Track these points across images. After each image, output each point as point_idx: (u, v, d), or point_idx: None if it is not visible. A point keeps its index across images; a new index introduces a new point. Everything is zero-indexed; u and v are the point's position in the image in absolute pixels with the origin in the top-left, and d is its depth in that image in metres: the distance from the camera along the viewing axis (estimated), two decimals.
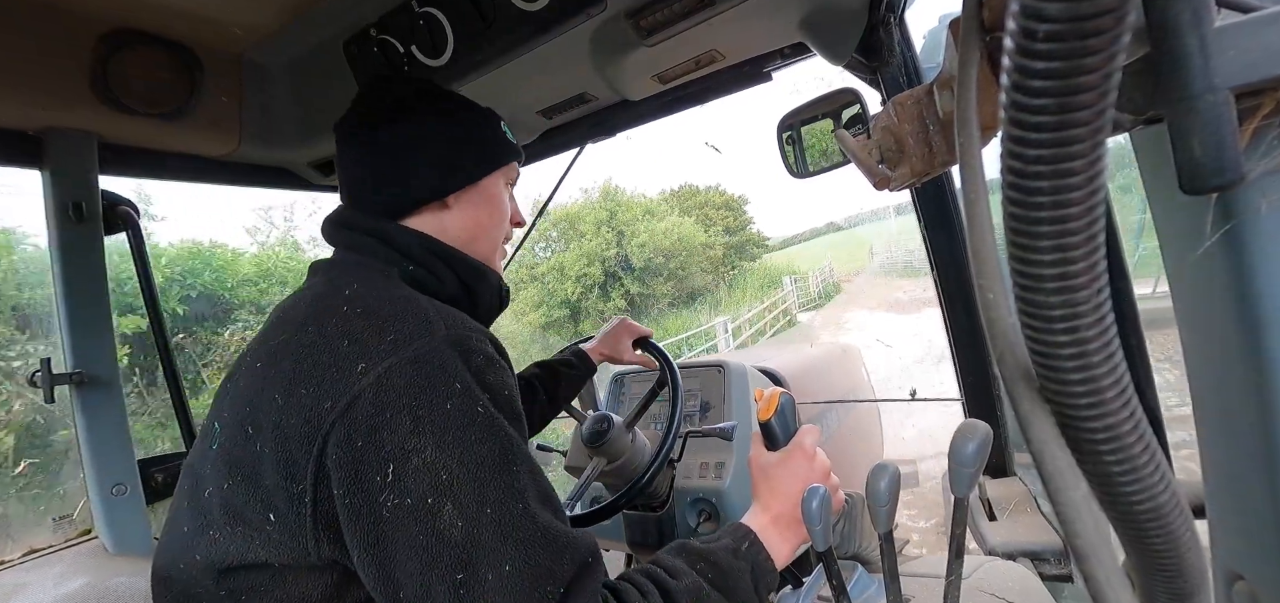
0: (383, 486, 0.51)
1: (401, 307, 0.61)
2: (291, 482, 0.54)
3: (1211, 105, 0.22)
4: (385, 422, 0.52)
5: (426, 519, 0.50)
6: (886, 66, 1.11)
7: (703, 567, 0.62)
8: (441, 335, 0.58)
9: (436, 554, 0.50)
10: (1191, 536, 0.25)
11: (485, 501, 0.52)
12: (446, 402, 0.54)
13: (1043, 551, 1.11)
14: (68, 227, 1.11)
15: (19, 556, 1.12)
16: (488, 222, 0.80)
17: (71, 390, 1.12)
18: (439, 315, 0.61)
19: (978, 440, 0.56)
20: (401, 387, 0.53)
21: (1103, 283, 0.21)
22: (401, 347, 0.56)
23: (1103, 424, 0.23)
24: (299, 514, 0.54)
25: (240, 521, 0.57)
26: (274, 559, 0.56)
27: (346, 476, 0.52)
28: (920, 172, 0.45)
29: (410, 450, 0.51)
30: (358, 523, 0.52)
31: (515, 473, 0.55)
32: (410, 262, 0.71)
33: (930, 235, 1.29)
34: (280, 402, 0.56)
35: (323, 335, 0.58)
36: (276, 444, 0.55)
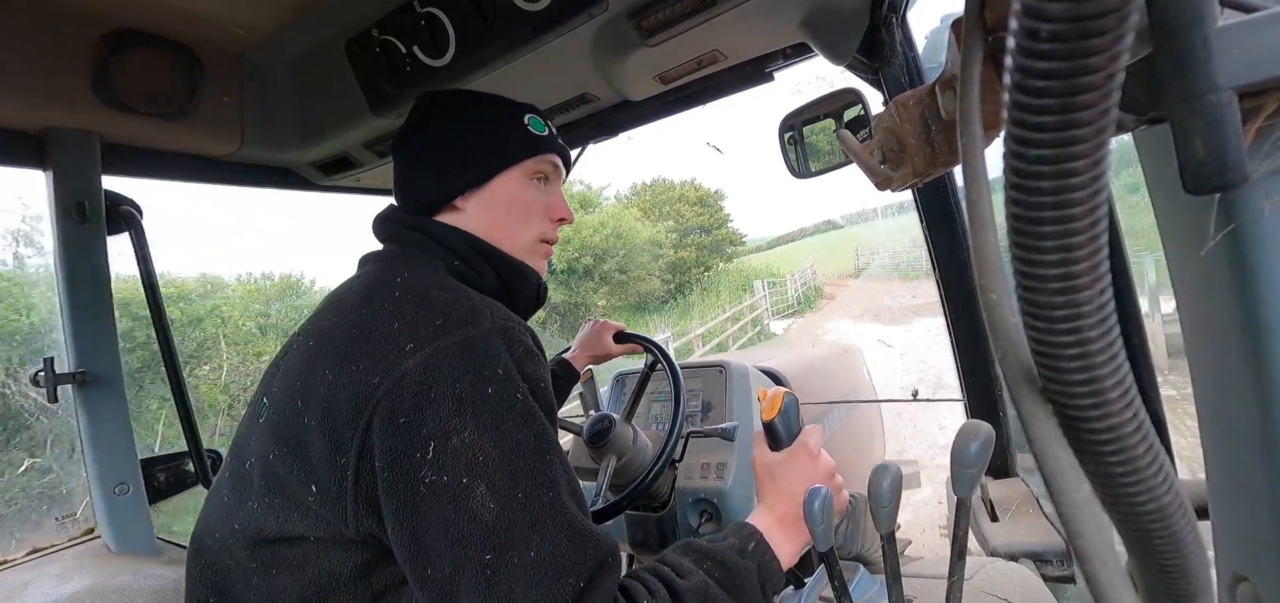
0: (423, 462, 0.52)
1: (450, 295, 0.63)
2: (337, 454, 0.56)
3: (1215, 106, 0.22)
4: (429, 401, 0.54)
5: (460, 498, 0.52)
6: (888, 66, 1.11)
7: (710, 566, 0.63)
8: (487, 324, 0.60)
9: (467, 533, 0.52)
10: (1195, 537, 0.25)
11: (517, 486, 0.54)
12: (488, 387, 0.56)
13: (1045, 552, 1.11)
14: (70, 226, 1.12)
15: (23, 554, 1.13)
16: (505, 221, 0.79)
17: (74, 390, 1.13)
18: (485, 305, 0.63)
19: (980, 441, 0.56)
20: (447, 368, 0.55)
21: (1106, 283, 0.21)
22: (448, 331, 0.58)
23: (1105, 425, 0.22)
24: (341, 486, 0.56)
25: (280, 492, 0.60)
26: (310, 533, 0.58)
27: (388, 450, 0.54)
28: (922, 172, 0.45)
29: (450, 430, 0.53)
30: (394, 497, 0.54)
31: (548, 462, 0.56)
32: (455, 256, 0.74)
33: (932, 235, 1.29)
34: (331, 377, 0.58)
35: (374, 317, 0.60)
36: (324, 417, 0.57)
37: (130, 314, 3.95)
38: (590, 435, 1.19)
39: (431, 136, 0.79)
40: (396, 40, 1.05)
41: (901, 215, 31.44)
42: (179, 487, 1.31)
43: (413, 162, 0.80)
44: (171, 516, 1.32)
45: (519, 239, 0.81)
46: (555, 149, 0.84)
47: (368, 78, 1.10)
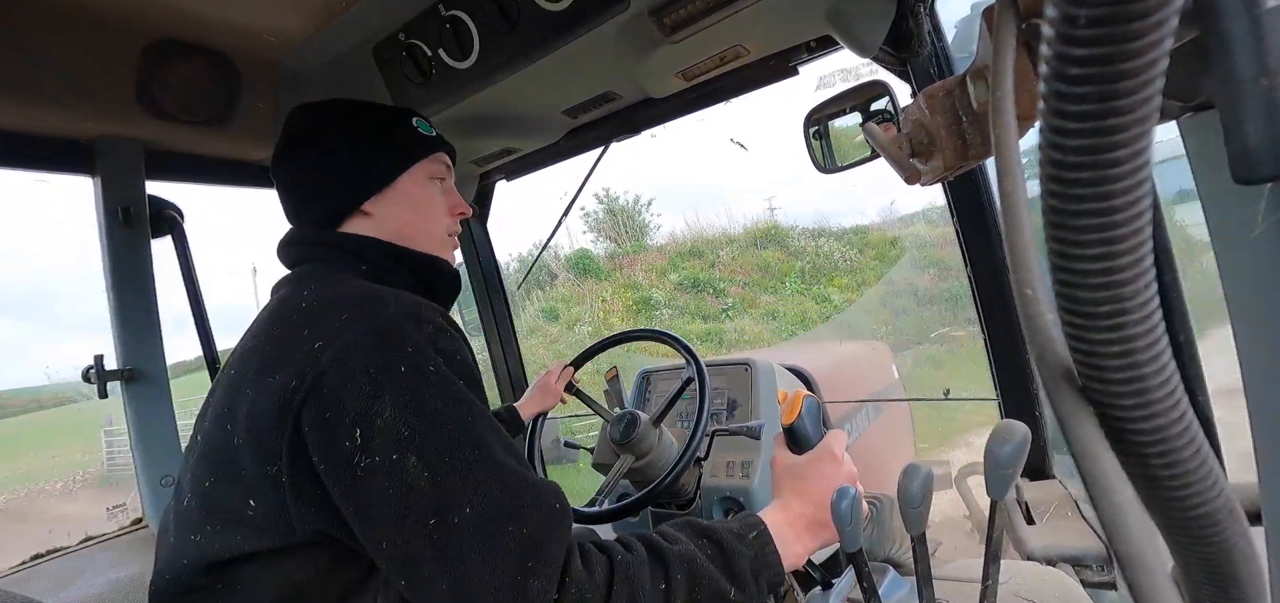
0: (353, 449, 0.55)
1: (354, 291, 0.66)
2: (267, 464, 0.58)
3: (1266, 91, 0.21)
4: (347, 391, 0.56)
5: (395, 473, 0.54)
6: (916, 58, 1.09)
7: (703, 542, 0.63)
8: (392, 308, 0.62)
9: (408, 504, 0.54)
10: (1246, 543, 0.24)
11: (444, 450, 0.56)
12: (401, 365, 0.58)
13: (1084, 556, 1.07)
14: (117, 230, 1.17)
15: (76, 543, 1.18)
16: (414, 218, 0.81)
17: (122, 386, 1.18)
18: (390, 294, 0.65)
19: (1015, 442, 0.54)
20: (359, 357, 0.57)
21: (1149, 277, 0.20)
22: (356, 323, 0.60)
23: (1150, 426, 0.22)
24: (278, 493, 0.58)
25: (220, 516, 0.61)
26: (260, 546, 0.60)
27: (321, 445, 0.56)
28: (953, 165, 0.44)
29: (373, 414, 0.55)
30: (338, 488, 0.56)
31: (469, 424, 0.58)
32: (364, 263, 0.75)
33: (964, 230, 1.26)
34: (252, 394, 0.60)
35: (286, 329, 0.62)
36: (250, 432, 0.59)
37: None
38: (617, 433, 1.20)
39: (325, 148, 0.79)
40: (422, 44, 1.07)
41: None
42: None
43: (306, 177, 0.80)
44: None
45: (431, 233, 0.83)
46: (444, 148, 0.86)
47: (395, 81, 1.13)
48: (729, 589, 0.61)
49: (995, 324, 1.29)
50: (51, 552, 1.15)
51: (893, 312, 12.18)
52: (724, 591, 0.60)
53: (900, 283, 13.15)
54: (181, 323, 1.37)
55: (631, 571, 0.57)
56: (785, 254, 15.12)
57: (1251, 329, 0.32)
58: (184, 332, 1.36)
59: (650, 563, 0.59)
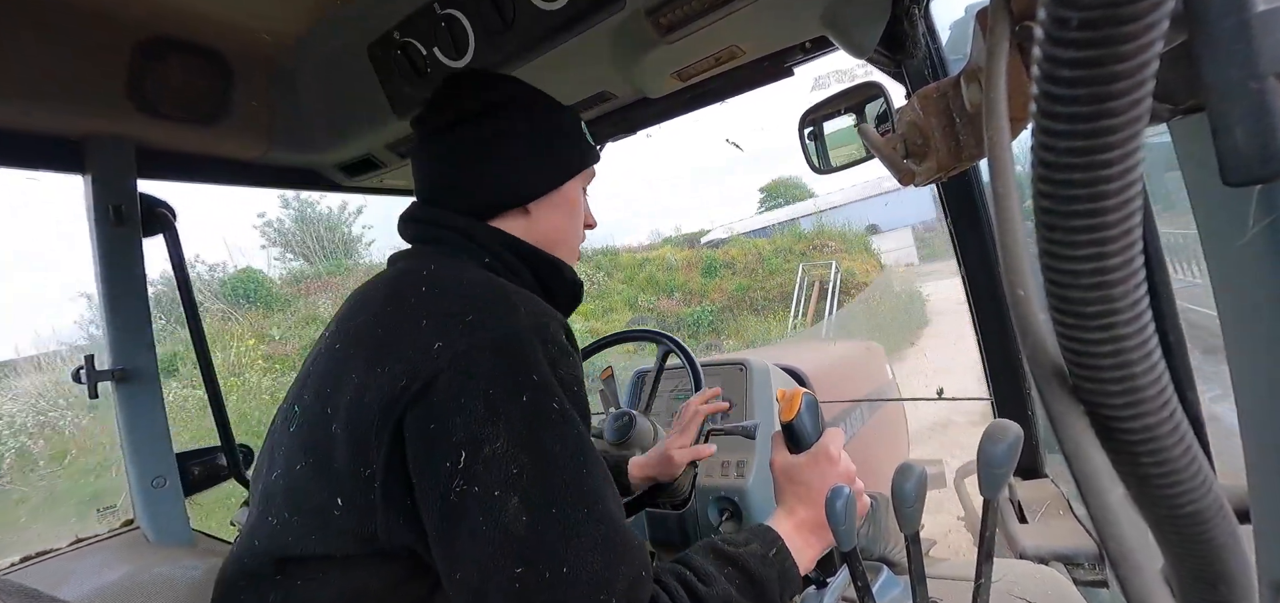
0: (454, 471, 0.51)
1: (482, 287, 0.60)
2: (362, 464, 0.54)
3: (1255, 93, 0.21)
4: (460, 406, 0.52)
5: (492, 510, 0.50)
6: (911, 59, 1.09)
7: (731, 572, 0.61)
8: (522, 318, 0.57)
9: (499, 546, 0.50)
10: (1235, 541, 0.24)
11: (552, 500, 0.51)
12: (523, 394, 0.53)
13: (1076, 555, 1.08)
14: (108, 229, 1.16)
15: (66, 544, 1.17)
16: (567, 226, 0.79)
17: (113, 386, 1.17)
18: (518, 296, 0.60)
19: (1008, 441, 0.55)
20: (479, 372, 0.53)
21: (1140, 278, 0.21)
22: (480, 328, 0.55)
23: (1141, 425, 0.22)
24: (368, 498, 0.54)
25: (305, 508, 0.58)
26: (336, 551, 0.56)
27: (419, 457, 0.52)
28: (946, 166, 0.44)
29: (482, 439, 0.51)
30: (427, 505, 0.52)
31: (584, 475, 0.54)
32: (488, 254, 0.70)
33: (957, 231, 1.27)
34: (357, 381, 0.56)
35: (401, 314, 0.58)
36: (350, 425, 0.55)
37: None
38: (614, 433, 1.20)
39: (503, 131, 0.73)
40: (417, 42, 1.06)
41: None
42: (213, 480, 1.35)
43: (474, 157, 0.72)
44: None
45: (573, 242, 0.80)
46: (598, 159, 0.84)
47: (390, 80, 1.12)
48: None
49: (988, 324, 1.29)
50: (40, 554, 1.14)
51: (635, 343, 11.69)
52: None
53: (644, 308, 13.03)
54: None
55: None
56: None
57: (1241, 331, 0.33)
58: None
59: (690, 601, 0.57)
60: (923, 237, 28.92)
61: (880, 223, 29.98)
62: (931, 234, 29.69)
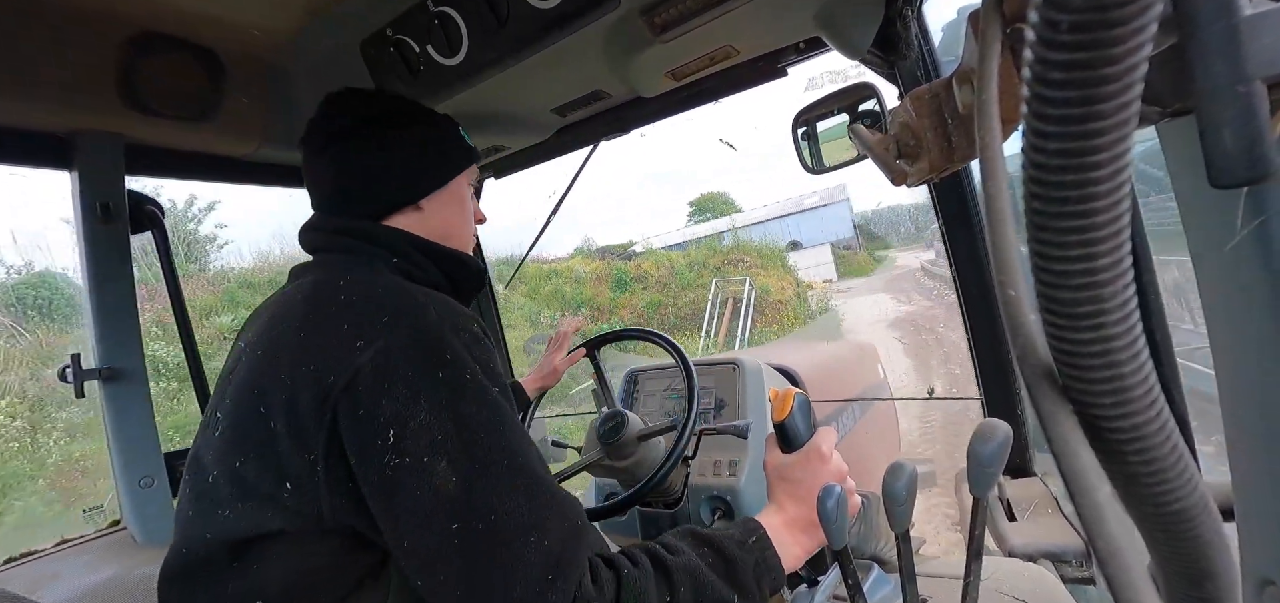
0: (385, 448, 0.56)
1: (395, 292, 0.66)
2: (304, 451, 0.59)
3: (1243, 97, 0.22)
4: (384, 391, 0.57)
5: (424, 475, 0.55)
6: (904, 60, 1.10)
7: (704, 551, 0.64)
8: (433, 314, 0.63)
9: (434, 507, 0.55)
10: (1220, 539, 0.25)
11: (474, 457, 0.57)
12: (439, 371, 0.59)
13: (1064, 552, 1.09)
14: (96, 226, 1.14)
15: (52, 545, 1.16)
16: (457, 220, 0.85)
17: (100, 385, 1.15)
18: (428, 299, 0.66)
19: (997, 440, 0.55)
20: (397, 359, 0.58)
21: (1128, 279, 0.21)
22: (395, 326, 0.61)
23: (1128, 424, 0.22)
24: (313, 479, 0.59)
25: (253, 494, 0.62)
26: (289, 526, 0.61)
27: (354, 442, 0.57)
28: (938, 166, 0.45)
29: (407, 416, 0.56)
30: (367, 483, 0.57)
31: (502, 433, 0.59)
32: (395, 255, 0.76)
33: (949, 231, 1.27)
34: (288, 381, 0.61)
35: (323, 319, 0.63)
36: (288, 418, 0.60)
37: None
38: (604, 432, 1.20)
39: (387, 139, 0.79)
40: (411, 40, 1.06)
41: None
42: None
43: (361, 166, 0.79)
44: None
45: (465, 234, 0.87)
46: (479, 159, 0.90)
47: (383, 78, 1.12)
48: (732, 597, 0.62)
49: (979, 324, 1.30)
50: (26, 555, 1.12)
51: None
52: (727, 599, 0.62)
53: (546, 326, 12.51)
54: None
55: (639, 586, 0.59)
56: None
57: (1226, 332, 0.33)
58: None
59: (656, 577, 0.60)
60: (841, 254, 29.09)
61: (802, 239, 30.18)
62: (849, 252, 29.95)
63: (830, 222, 31.35)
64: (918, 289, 16.73)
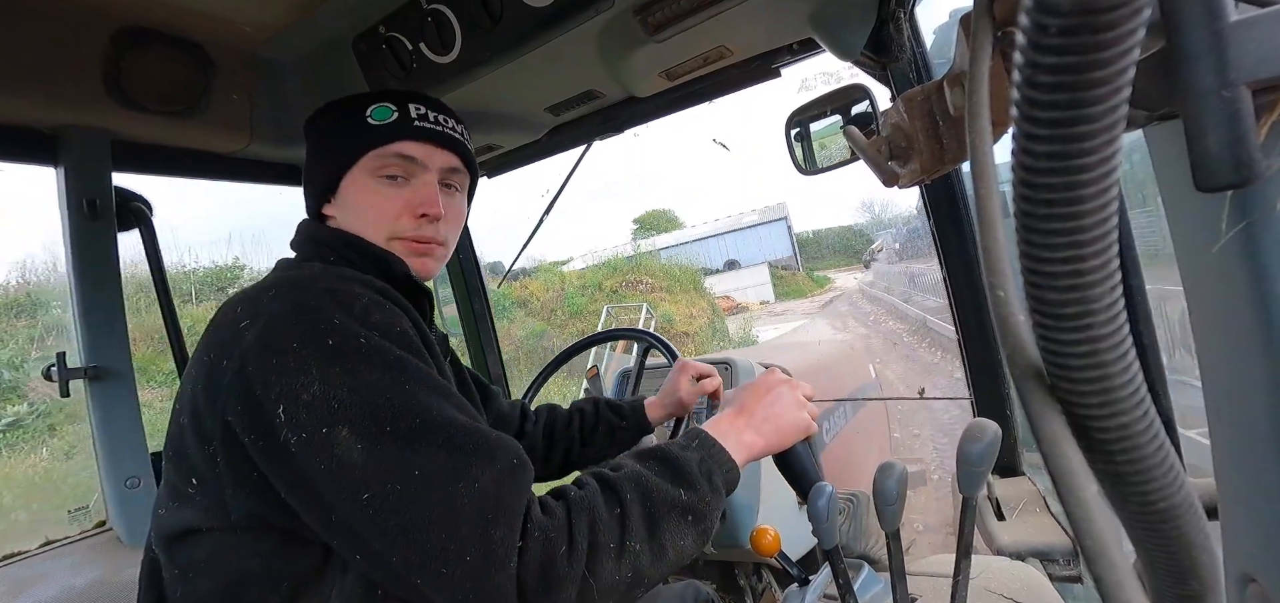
0: (281, 425, 0.53)
1: (289, 271, 0.66)
2: (203, 444, 0.59)
3: (1228, 101, 0.22)
4: (272, 366, 0.55)
5: (325, 448, 0.53)
6: (896, 62, 1.11)
7: (648, 461, 0.63)
8: (320, 287, 0.61)
9: (342, 480, 0.52)
10: (1204, 537, 0.25)
11: (380, 419, 0.54)
12: (327, 338, 0.56)
13: (1052, 551, 1.10)
14: (82, 223, 1.13)
15: (36, 546, 1.14)
16: (359, 224, 0.77)
17: (86, 384, 1.14)
18: (325, 273, 0.65)
19: (986, 440, 0.56)
20: (282, 332, 0.57)
21: (1115, 281, 0.21)
22: (279, 300, 0.59)
23: (1115, 424, 0.22)
24: (213, 472, 0.58)
25: (176, 493, 0.63)
26: (203, 523, 0.61)
27: (249, 425, 0.55)
28: (930, 168, 0.45)
29: (299, 388, 0.54)
30: (270, 467, 0.55)
31: (408, 390, 0.56)
32: (332, 253, 0.76)
33: (940, 232, 1.28)
34: (194, 374, 0.61)
35: (225, 312, 0.62)
36: (192, 415, 0.60)
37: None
38: None
39: (309, 137, 0.83)
40: (403, 37, 1.05)
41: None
42: None
43: (306, 164, 0.84)
44: None
45: (379, 227, 0.77)
46: (405, 135, 0.76)
47: (375, 75, 1.11)
48: (679, 492, 0.60)
49: (969, 324, 1.31)
50: (9, 557, 1.11)
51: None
52: (674, 496, 0.60)
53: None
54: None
55: (587, 502, 0.57)
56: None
57: (1211, 333, 0.33)
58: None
59: (603, 492, 0.59)
60: (780, 274, 27.75)
61: (740, 258, 29.60)
62: (788, 272, 29.21)
63: (769, 240, 30.57)
64: (854, 314, 15.71)
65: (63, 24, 0.96)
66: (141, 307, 5.51)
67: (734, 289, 23.92)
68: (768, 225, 31.04)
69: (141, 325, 6.40)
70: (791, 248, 31.28)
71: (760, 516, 1.38)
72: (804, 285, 27.24)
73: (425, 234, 0.78)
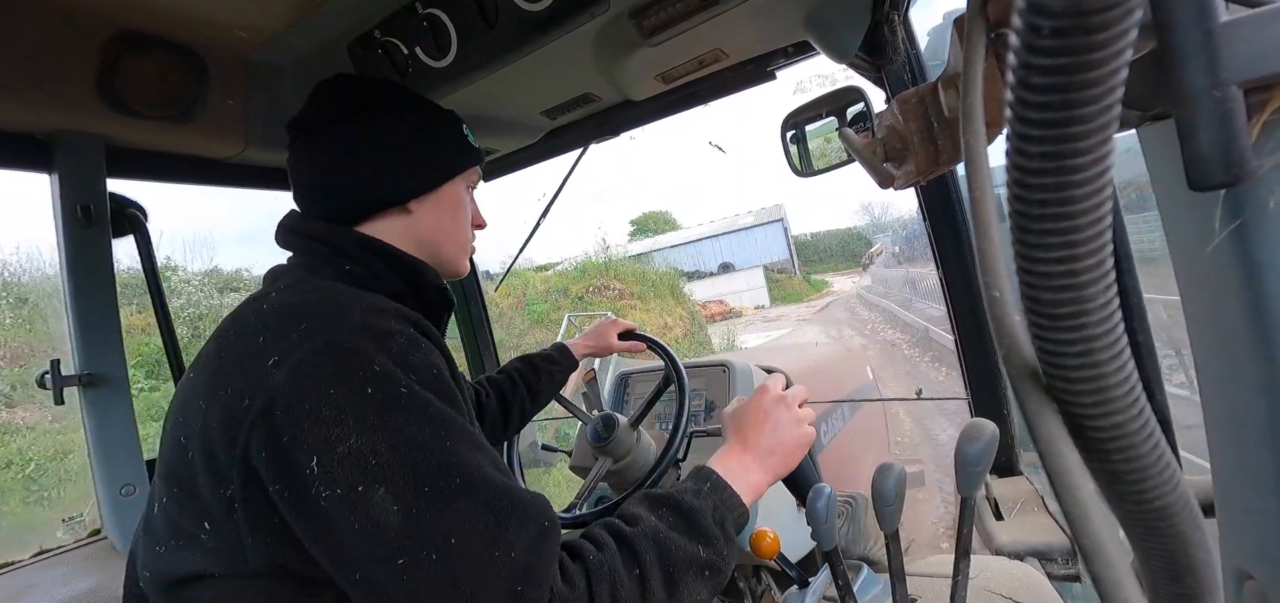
0: (313, 478, 0.50)
1: (316, 296, 0.60)
2: (220, 486, 0.54)
3: (1219, 101, 0.22)
4: (305, 413, 0.51)
5: (360, 507, 0.49)
6: (891, 64, 1.11)
7: (663, 512, 0.61)
8: (355, 321, 0.56)
9: (375, 541, 0.49)
10: (1201, 535, 0.25)
11: (419, 480, 0.51)
12: (367, 386, 0.52)
13: (1050, 550, 1.10)
14: (76, 230, 1.12)
15: (29, 556, 1.13)
16: (451, 226, 0.78)
17: (80, 392, 1.13)
18: (357, 301, 0.59)
19: (984, 440, 0.56)
20: (317, 375, 0.52)
21: (1109, 280, 0.21)
22: (312, 336, 0.54)
23: (1110, 423, 0.22)
24: (231, 518, 0.54)
25: (180, 533, 0.57)
26: (214, 569, 0.56)
27: (277, 474, 0.51)
28: (925, 169, 0.45)
29: (335, 440, 0.50)
30: (300, 520, 0.52)
31: (449, 447, 0.53)
32: (350, 262, 0.69)
33: (935, 233, 1.29)
34: (204, 407, 0.55)
35: (241, 336, 0.58)
36: (203, 450, 0.55)
37: None
38: (594, 435, 1.19)
39: (374, 130, 0.72)
40: (398, 42, 1.05)
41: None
42: None
43: (349, 156, 0.72)
44: None
45: (459, 242, 0.80)
46: (480, 160, 0.85)
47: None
48: (699, 549, 0.59)
49: (965, 325, 1.32)
50: (2, 567, 1.10)
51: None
52: (692, 553, 0.59)
53: None
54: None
55: (606, 568, 0.55)
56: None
57: (1206, 331, 0.34)
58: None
59: (621, 554, 0.57)
60: (775, 277, 26.36)
61: (734, 261, 28.51)
62: (784, 276, 27.63)
63: (765, 242, 29.57)
64: (851, 320, 14.88)
65: (56, 29, 0.96)
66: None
67: (728, 293, 23.20)
68: (764, 227, 30.22)
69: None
70: (788, 250, 30.42)
71: (759, 518, 1.38)
72: (800, 290, 26.40)
73: (474, 245, 0.87)
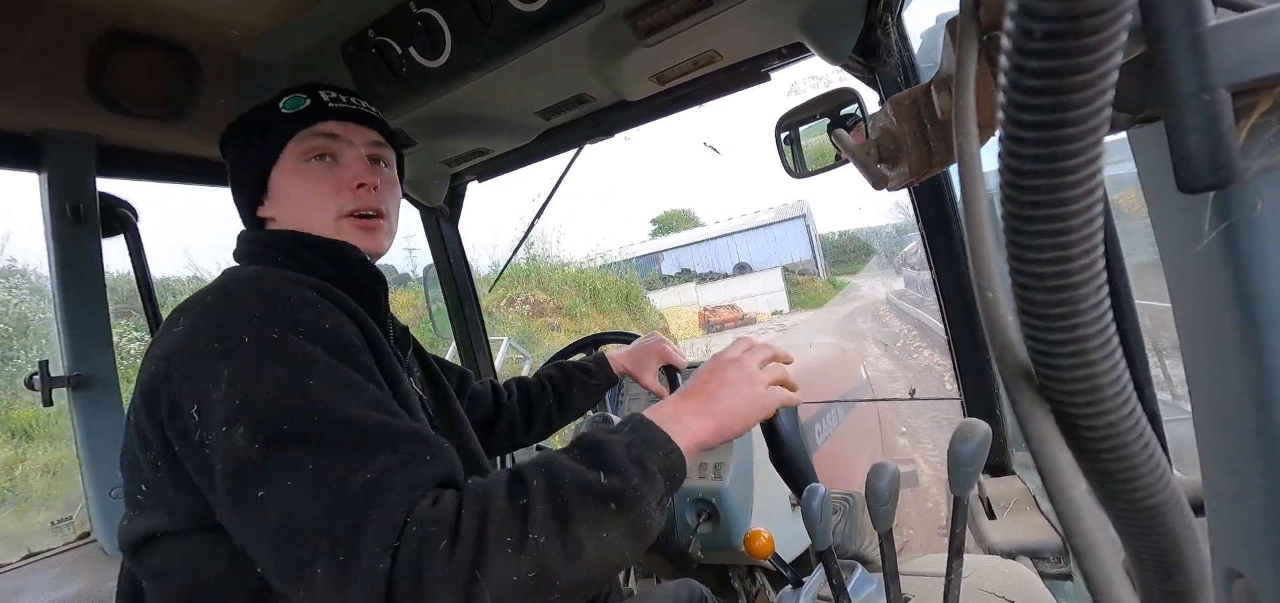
0: (196, 424, 0.53)
1: (229, 274, 0.66)
2: (145, 449, 0.60)
3: (1208, 104, 0.22)
4: (191, 364, 0.55)
5: (223, 447, 0.52)
6: (884, 66, 1.12)
7: (572, 448, 0.58)
8: (250, 287, 0.61)
9: (238, 479, 0.51)
10: (1191, 533, 0.25)
11: (277, 419, 0.52)
12: (243, 336, 0.56)
13: (1042, 549, 1.11)
14: (66, 229, 1.11)
15: (17, 559, 1.12)
16: (298, 212, 0.77)
17: (69, 393, 1.12)
18: (263, 273, 0.65)
19: (977, 440, 0.56)
20: (201, 330, 0.57)
21: (1101, 281, 0.21)
22: (208, 299, 0.61)
23: (1102, 422, 0.23)
24: (157, 477, 0.59)
25: (131, 502, 0.64)
26: (156, 528, 0.61)
27: (173, 425, 0.56)
28: (918, 171, 0.45)
29: (209, 386, 0.54)
30: (191, 465, 0.55)
31: (318, 390, 0.54)
32: (279, 254, 0.74)
33: (929, 234, 1.29)
34: (140, 381, 0.61)
35: (169, 320, 0.62)
36: (136, 423, 0.61)
37: None
38: None
39: (227, 150, 0.82)
40: (393, 41, 1.04)
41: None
42: None
43: (232, 171, 0.83)
44: None
45: (321, 220, 0.76)
46: (322, 116, 0.77)
47: (364, 79, 1.10)
48: (597, 475, 0.53)
49: (958, 325, 1.32)
50: None
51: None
52: (591, 480, 0.53)
53: None
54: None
55: (481, 492, 0.52)
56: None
57: (1195, 332, 0.34)
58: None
59: (509, 481, 0.53)
60: (796, 279, 23.74)
61: (751, 261, 25.84)
62: (805, 277, 24.43)
63: (785, 241, 27.06)
64: (876, 332, 12.09)
65: (46, 27, 0.95)
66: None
67: (741, 296, 21.24)
68: (784, 224, 27.32)
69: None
70: (811, 249, 27.58)
71: (754, 518, 1.38)
72: (823, 293, 23.52)
73: (367, 204, 0.78)
